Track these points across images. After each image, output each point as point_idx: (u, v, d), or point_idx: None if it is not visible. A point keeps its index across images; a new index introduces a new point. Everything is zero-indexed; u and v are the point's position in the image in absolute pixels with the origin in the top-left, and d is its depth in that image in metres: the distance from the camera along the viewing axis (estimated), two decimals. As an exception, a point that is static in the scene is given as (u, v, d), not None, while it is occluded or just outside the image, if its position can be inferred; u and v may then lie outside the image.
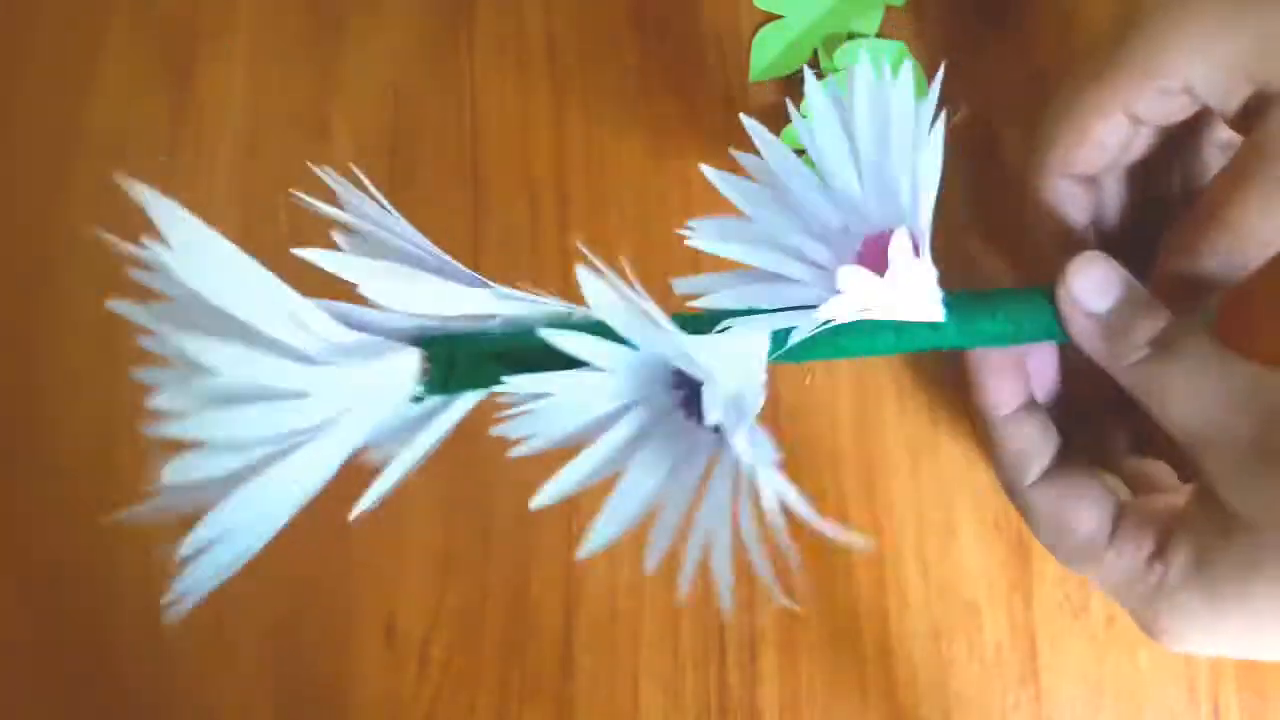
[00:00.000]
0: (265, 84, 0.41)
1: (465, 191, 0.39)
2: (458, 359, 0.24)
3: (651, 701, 0.36)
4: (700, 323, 0.25)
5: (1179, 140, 0.30)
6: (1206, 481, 0.25)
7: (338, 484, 0.25)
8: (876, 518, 0.36)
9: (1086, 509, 0.27)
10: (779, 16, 0.38)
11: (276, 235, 0.40)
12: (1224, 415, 0.24)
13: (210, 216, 0.40)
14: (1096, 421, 0.31)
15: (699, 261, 0.38)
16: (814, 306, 0.23)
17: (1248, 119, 0.26)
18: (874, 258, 0.24)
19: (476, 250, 0.39)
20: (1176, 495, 0.28)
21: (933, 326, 0.26)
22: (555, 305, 0.25)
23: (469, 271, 0.26)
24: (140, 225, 0.41)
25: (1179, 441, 0.25)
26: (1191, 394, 0.25)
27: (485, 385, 0.25)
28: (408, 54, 0.40)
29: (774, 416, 0.37)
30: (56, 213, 0.41)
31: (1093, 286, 0.26)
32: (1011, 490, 0.29)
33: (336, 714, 0.38)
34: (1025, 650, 0.35)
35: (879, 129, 0.24)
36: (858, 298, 0.22)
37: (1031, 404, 0.29)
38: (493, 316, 0.25)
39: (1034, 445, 0.28)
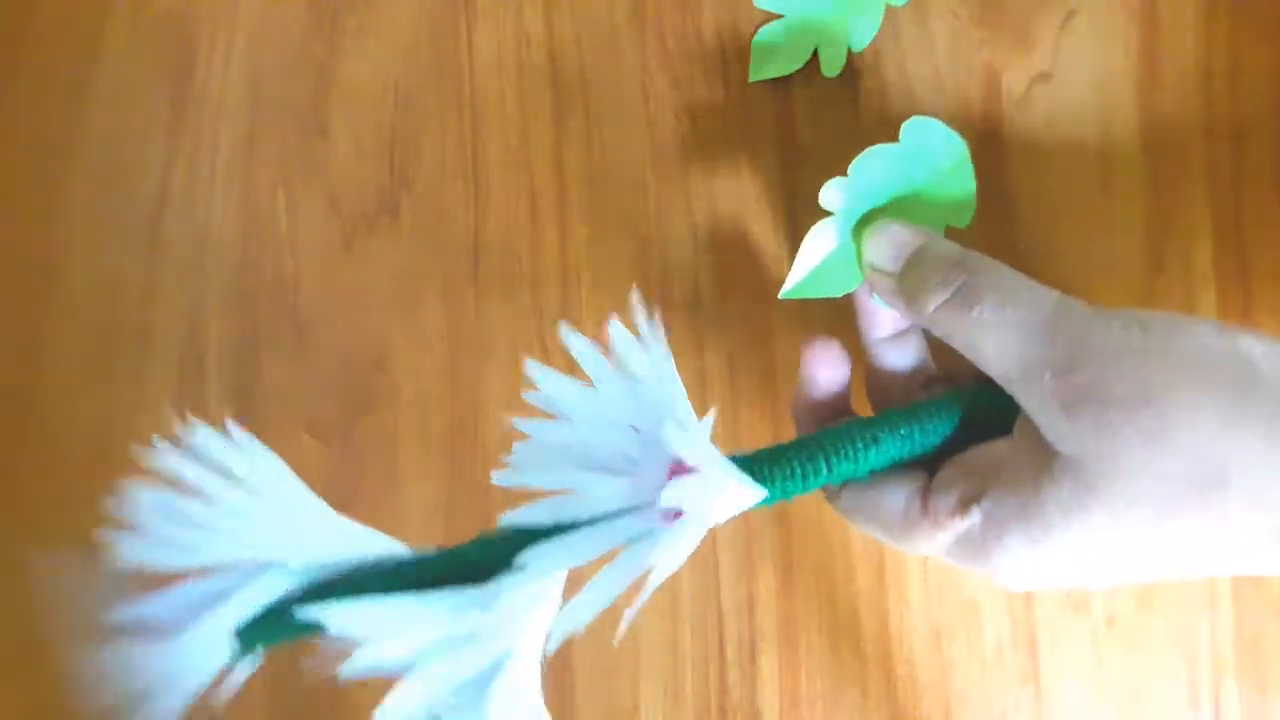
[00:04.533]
0: (265, 84, 0.41)
1: (465, 191, 0.39)
2: (259, 635, 0.26)
3: (651, 701, 0.36)
4: (500, 546, 0.25)
5: None
6: (1026, 420, 0.25)
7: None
8: (876, 518, 0.36)
9: (890, 492, 0.27)
10: (779, 16, 0.38)
11: (276, 234, 0.40)
12: (1032, 349, 0.24)
13: (210, 216, 0.40)
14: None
15: (698, 261, 0.38)
16: (618, 514, 0.24)
17: None
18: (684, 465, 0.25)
19: (476, 250, 0.39)
20: (989, 449, 0.28)
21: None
22: (359, 547, 0.26)
23: (268, 537, 0.26)
24: (140, 226, 0.41)
25: (997, 380, 0.25)
26: (998, 332, 0.25)
27: (300, 637, 0.26)
28: (408, 54, 0.40)
29: (775, 415, 0.37)
30: (56, 213, 0.41)
31: (885, 248, 0.28)
32: (831, 502, 0.30)
33: (336, 714, 0.38)
34: (1025, 650, 0.35)
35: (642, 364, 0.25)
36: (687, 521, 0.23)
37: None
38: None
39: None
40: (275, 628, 0.26)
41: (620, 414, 0.25)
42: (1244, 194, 0.36)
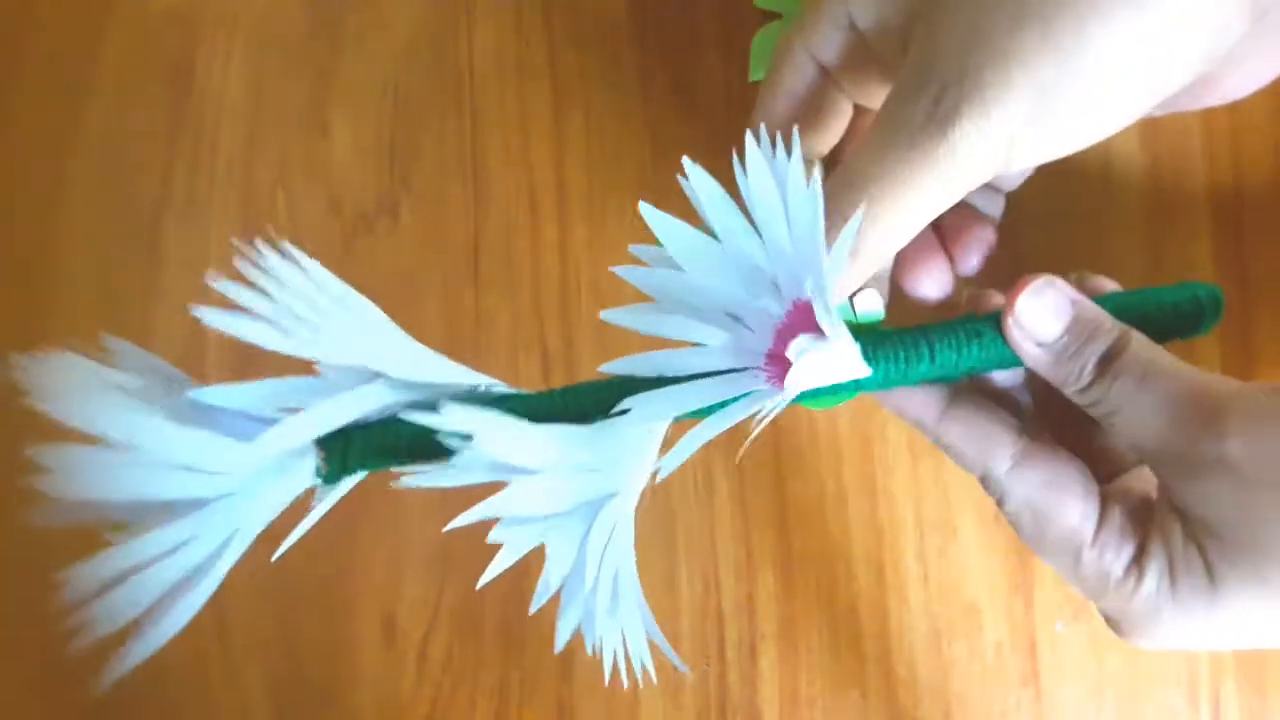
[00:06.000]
0: (265, 84, 0.41)
1: (465, 191, 0.39)
2: (351, 452, 0.25)
3: (651, 701, 0.36)
4: (602, 393, 0.25)
5: None
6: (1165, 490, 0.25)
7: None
8: (877, 517, 0.36)
9: (1072, 500, 0.26)
10: (779, 16, 0.38)
11: (276, 234, 0.40)
12: (1164, 430, 0.24)
13: (210, 216, 0.40)
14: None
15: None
16: (721, 373, 0.25)
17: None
18: (793, 329, 0.24)
19: (476, 250, 0.39)
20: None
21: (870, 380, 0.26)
22: (460, 378, 0.26)
23: (366, 357, 0.25)
24: (140, 226, 0.41)
25: (1129, 449, 0.25)
26: (1134, 411, 0.24)
27: (383, 467, 0.25)
28: (408, 54, 0.40)
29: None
30: (56, 213, 0.41)
31: (1042, 316, 0.25)
32: (987, 479, 0.27)
33: (336, 714, 0.38)
34: (1025, 651, 0.35)
35: (775, 210, 0.24)
36: (806, 369, 0.23)
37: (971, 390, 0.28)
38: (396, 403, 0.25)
39: (991, 428, 0.27)
40: (369, 443, 0.25)
41: (734, 268, 0.25)
42: (1244, 194, 0.36)
